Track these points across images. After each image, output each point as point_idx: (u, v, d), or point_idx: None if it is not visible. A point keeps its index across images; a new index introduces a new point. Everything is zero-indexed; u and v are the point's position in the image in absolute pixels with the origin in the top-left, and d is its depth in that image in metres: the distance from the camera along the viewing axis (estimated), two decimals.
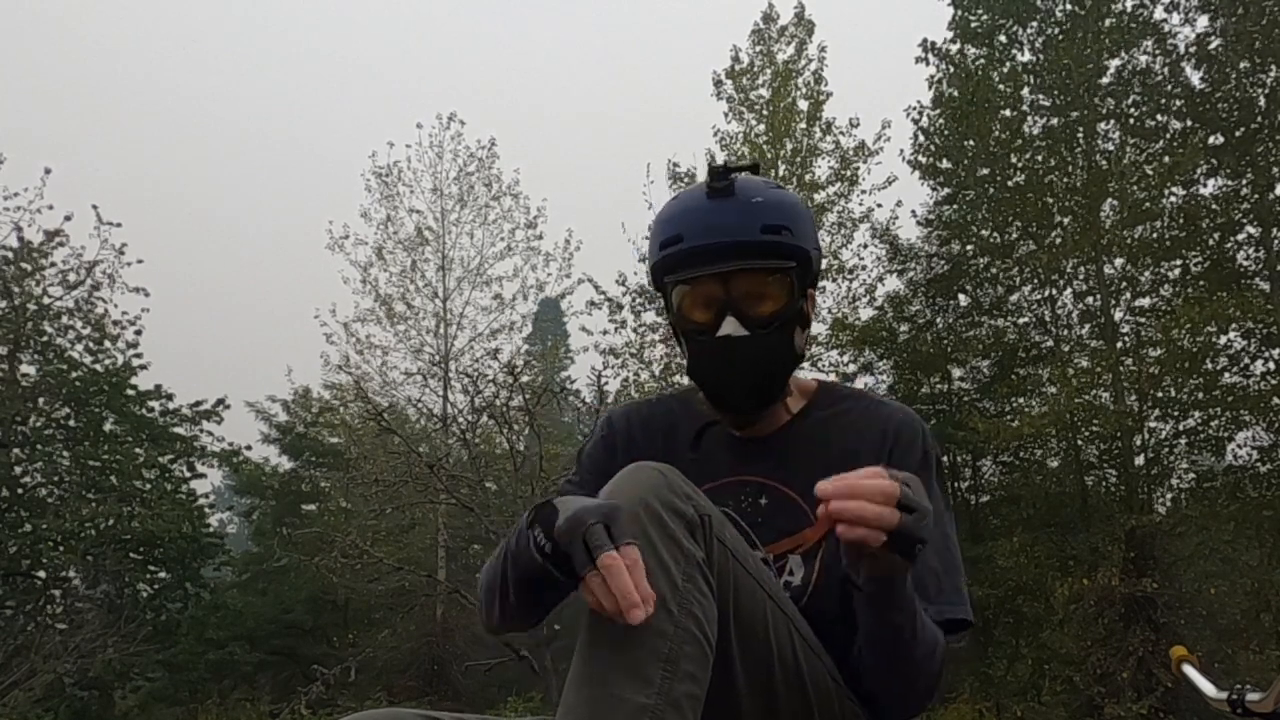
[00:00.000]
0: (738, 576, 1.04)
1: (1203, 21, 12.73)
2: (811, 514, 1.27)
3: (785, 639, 1.09)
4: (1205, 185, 12.93)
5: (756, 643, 1.06)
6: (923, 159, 14.17)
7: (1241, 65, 12.32)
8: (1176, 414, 12.78)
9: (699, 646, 0.95)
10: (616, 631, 0.92)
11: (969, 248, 14.20)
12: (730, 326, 1.23)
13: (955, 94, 13.45)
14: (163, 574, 15.23)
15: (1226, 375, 12.63)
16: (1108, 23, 12.90)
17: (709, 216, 1.24)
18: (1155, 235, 12.95)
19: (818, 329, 14.65)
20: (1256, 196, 12.45)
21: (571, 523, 0.94)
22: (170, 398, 15.12)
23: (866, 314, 14.71)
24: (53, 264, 13.81)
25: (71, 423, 14.41)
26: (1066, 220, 12.93)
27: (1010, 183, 13.28)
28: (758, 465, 1.31)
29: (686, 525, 0.98)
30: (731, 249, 1.22)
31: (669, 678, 0.91)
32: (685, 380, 1.39)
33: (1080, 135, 13.01)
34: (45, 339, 13.99)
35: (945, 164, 14.13)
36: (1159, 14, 12.93)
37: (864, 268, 14.71)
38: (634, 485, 1.00)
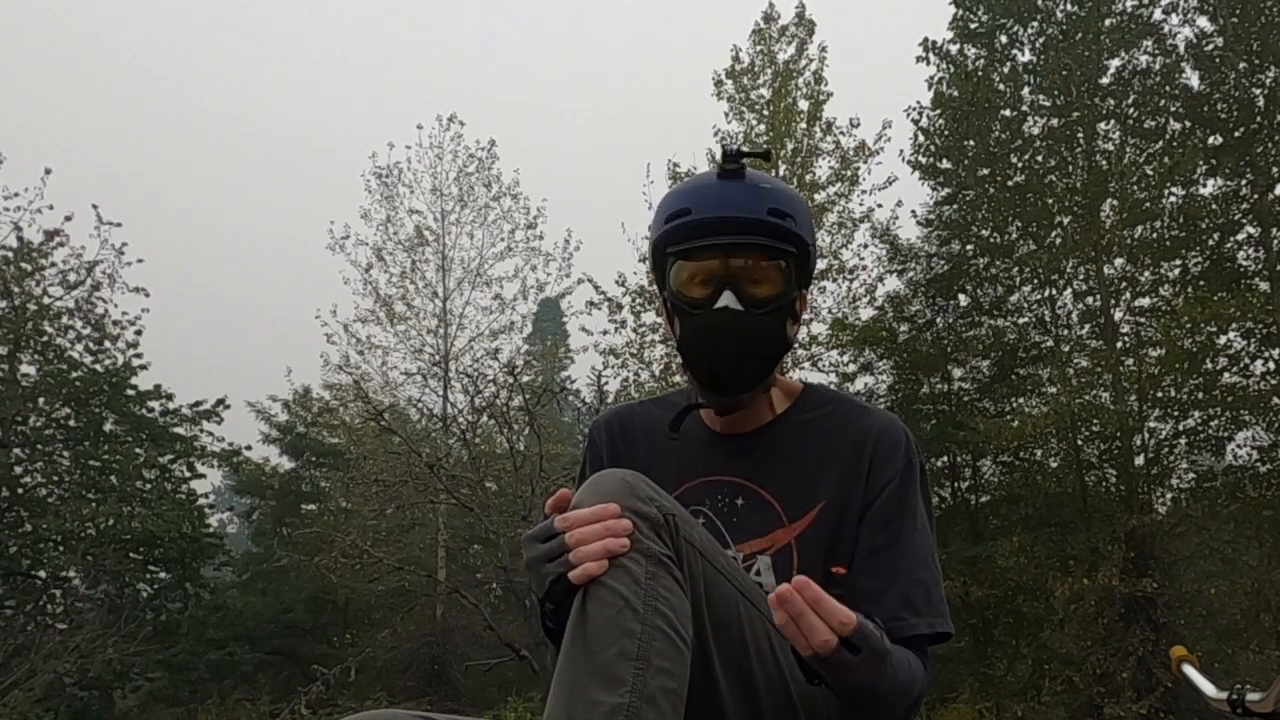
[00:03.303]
0: (708, 574, 1.05)
1: (1202, 22, 12.76)
2: (785, 516, 1.27)
3: (761, 633, 1.10)
4: (1205, 185, 12.93)
5: (731, 638, 1.07)
6: (923, 159, 14.18)
7: (1240, 66, 12.32)
8: (1176, 414, 12.77)
9: (670, 641, 0.95)
10: (588, 636, 0.94)
11: (969, 248, 14.20)
12: (727, 299, 1.23)
13: (955, 94, 13.46)
14: (163, 574, 15.22)
15: (1226, 375, 12.62)
16: (1108, 23, 12.90)
17: (719, 193, 1.25)
18: (1155, 235, 12.94)
19: (818, 329, 14.67)
20: (1256, 196, 12.44)
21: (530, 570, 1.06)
22: (170, 398, 15.14)
23: (866, 314, 14.72)
24: (53, 264, 13.83)
25: (71, 423, 14.39)
26: (1066, 220, 12.93)
27: (1010, 183, 13.27)
28: (736, 465, 1.32)
29: (650, 525, 1.00)
30: (736, 224, 1.23)
31: (641, 674, 0.92)
32: (685, 381, 1.39)
33: (1080, 135, 12.99)
34: (45, 339, 13.98)
35: (945, 164, 14.13)
36: (1158, 15, 12.96)
37: (864, 268, 14.71)
38: (595, 495, 1.02)
